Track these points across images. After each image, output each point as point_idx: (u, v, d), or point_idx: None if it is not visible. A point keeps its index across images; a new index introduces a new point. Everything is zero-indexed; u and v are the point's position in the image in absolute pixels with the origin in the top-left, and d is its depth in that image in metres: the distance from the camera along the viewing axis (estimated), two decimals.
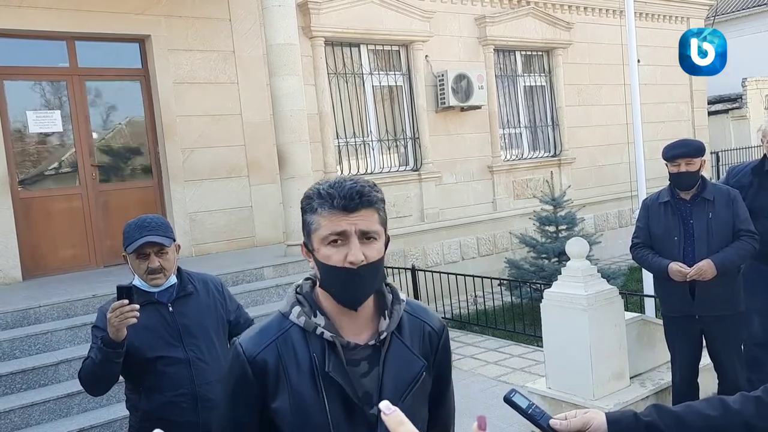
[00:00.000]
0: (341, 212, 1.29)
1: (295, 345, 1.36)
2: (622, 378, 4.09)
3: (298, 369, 1.34)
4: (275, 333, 1.38)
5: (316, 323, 1.36)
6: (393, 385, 1.36)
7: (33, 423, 4.21)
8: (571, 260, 4.14)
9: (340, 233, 1.30)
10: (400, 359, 1.39)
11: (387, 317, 1.39)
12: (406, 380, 1.38)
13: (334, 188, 1.31)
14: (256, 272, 5.97)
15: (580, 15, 10.47)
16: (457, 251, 9.03)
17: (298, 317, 1.38)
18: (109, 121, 7.07)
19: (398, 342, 1.40)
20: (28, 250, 6.30)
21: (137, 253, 2.38)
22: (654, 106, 11.09)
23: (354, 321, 1.38)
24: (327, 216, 1.30)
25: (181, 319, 2.44)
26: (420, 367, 1.41)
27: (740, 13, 19.37)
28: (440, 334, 1.50)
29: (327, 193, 1.30)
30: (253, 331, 1.42)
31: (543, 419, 1.30)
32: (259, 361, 1.35)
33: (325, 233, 1.31)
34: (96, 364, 2.28)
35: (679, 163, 3.57)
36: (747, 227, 3.55)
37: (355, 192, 1.30)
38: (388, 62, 8.72)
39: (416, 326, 1.46)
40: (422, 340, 1.45)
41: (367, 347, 1.37)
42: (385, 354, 1.37)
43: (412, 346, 1.42)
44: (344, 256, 1.30)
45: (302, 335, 1.37)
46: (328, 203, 1.30)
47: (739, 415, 1.30)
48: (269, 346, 1.36)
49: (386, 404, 0.79)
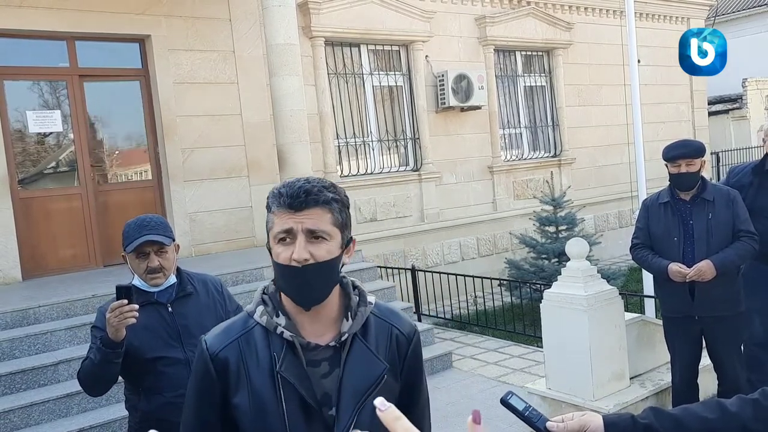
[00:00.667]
0: (288, 210, 1.31)
1: (257, 344, 1.37)
2: (622, 379, 4.08)
3: (258, 368, 1.35)
4: (239, 331, 1.40)
5: (277, 323, 1.37)
6: (352, 387, 1.36)
7: (32, 423, 4.21)
8: (571, 261, 4.14)
9: (287, 231, 1.31)
10: (361, 361, 1.38)
11: (350, 318, 1.39)
12: (366, 383, 1.37)
13: (286, 187, 1.34)
14: (256, 272, 5.96)
15: (580, 15, 10.47)
16: (457, 251, 9.03)
17: (261, 316, 1.39)
18: (108, 120, 7.06)
19: (360, 344, 1.40)
20: (27, 250, 6.30)
21: (137, 253, 2.37)
22: (654, 107, 11.08)
23: (316, 322, 1.38)
24: (278, 214, 1.33)
25: (180, 319, 2.43)
26: (381, 369, 1.39)
27: (740, 14, 19.37)
28: (410, 339, 1.48)
29: (278, 191, 1.33)
30: (219, 328, 1.43)
31: (540, 422, 1.30)
32: (221, 357, 1.37)
33: (276, 231, 1.33)
34: (95, 365, 2.28)
35: (680, 163, 3.56)
36: (747, 228, 3.55)
37: (303, 191, 1.31)
38: (388, 62, 8.71)
39: (383, 330, 1.45)
40: (389, 344, 1.44)
41: (329, 348, 1.37)
42: (346, 356, 1.37)
43: (376, 350, 1.41)
44: (290, 255, 1.31)
45: (264, 334, 1.38)
46: (277, 201, 1.33)
47: (736, 417, 1.30)
48: (231, 344, 1.38)
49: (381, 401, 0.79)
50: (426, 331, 6.00)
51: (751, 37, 18.52)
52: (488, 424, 4.52)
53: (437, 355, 5.70)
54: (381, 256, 8.11)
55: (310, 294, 1.35)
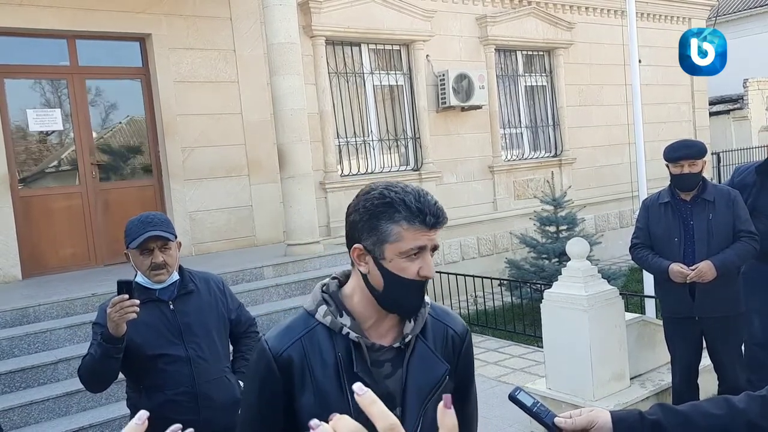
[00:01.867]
0: (424, 228, 1.31)
1: (320, 343, 1.37)
2: (622, 379, 4.08)
3: (324, 367, 1.35)
4: (301, 331, 1.39)
5: (342, 323, 1.37)
6: (416, 388, 1.38)
7: (32, 421, 4.21)
8: (571, 260, 4.14)
9: (421, 248, 1.32)
10: (423, 362, 1.40)
11: (412, 320, 1.40)
12: (429, 383, 1.39)
13: (422, 203, 1.31)
14: (256, 271, 5.96)
15: (581, 15, 10.46)
16: (457, 251, 9.03)
17: (324, 316, 1.38)
18: (109, 119, 7.07)
19: (422, 345, 1.41)
20: (27, 248, 6.30)
21: (141, 249, 2.38)
22: (655, 107, 11.08)
23: (380, 324, 1.40)
24: (411, 230, 1.30)
25: (182, 317, 2.44)
26: (443, 370, 1.41)
27: (742, 14, 19.36)
28: (463, 338, 1.51)
29: (417, 208, 1.30)
30: (279, 328, 1.43)
31: (548, 417, 1.30)
32: (285, 357, 1.36)
33: (407, 247, 1.31)
34: (96, 360, 2.28)
35: (683, 164, 3.55)
36: (747, 228, 3.54)
37: (440, 211, 1.33)
38: (388, 62, 8.71)
39: (439, 330, 1.47)
40: (445, 344, 1.46)
41: (392, 349, 1.38)
42: (409, 357, 1.39)
43: (435, 350, 1.43)
44: (417, 270, 1.33)
45: (328, 334, 1.38)
46: (419, 219, 1.30)
47: (743, 414, 1.30)
48: (295, 344, 1.37)
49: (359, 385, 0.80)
50: None
51: (752, 37, 18.51)
52: (488, 423, 4.51)
53: None
54: None
55: (420, 304, 1.39)
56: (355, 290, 1.40)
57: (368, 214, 1.33)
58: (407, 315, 1.39)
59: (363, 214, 1.34)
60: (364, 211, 1.33)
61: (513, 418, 4.45)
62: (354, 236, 1.36)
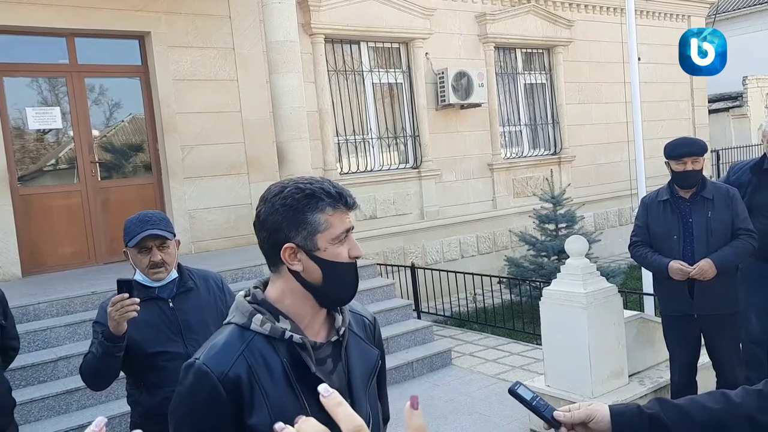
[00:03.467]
0: (347, 210, 1.34)
1: (263, 354, 1.31)
2: (621, 376, 4.09)
3: (272, 378, 1.29)
4: (240, 346, 1.31)
5: (283, 328, 1.32)
6: (359, 377, 1.40)
7: (32, 419, 4.23)
8: (570, 258, 4.14)
9: (348, 230, 1.35)
10: (358, 351, 1.43)
11: (340, 312, 1.42)
12: (367, 370, 1.43)
13: (337, 188, 1.34)
14: (256, 269, 5.97)
15: (580, 12, 10.46)
16: (456, 249, 9.04)
17: (262, 325, 1.32)
18: (108, 117, 7.07)
19: (353, 335, 1.45)
20: (27, 247, 6.31)
21: (139, 247, 2.38)
22: (654, 104, 11.08)
23: (314, 322, 1.39)
24: (336, 214, 1.32)
25: (181, 314, 2.45)
26: (375, 355, 1.47)
27: (741, 11, 19.35)
28: (374, 324, 1.56)
29: (336, 192, 1.33)
30: (214, 349, 1.32)
31: (547, 411, 1.32)
32: (231, 377, 1.27)
33: (337, 232, 1.32)
34: (97, 359, 2.29)
35: (686, 161, 3.55)
36: (746, 226, 3.55)
37: (348, 192, 1.37)
38: (388, 60, 8.71)
39: (358, 320, 1.51)
40: (365, 332, 1.51)
41: (329, 344, 1.38)
42: (346, 348, 1.40)
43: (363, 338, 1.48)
44: (347, 252, 1.35)
45: (268, 343, 1.32)
46: (341, 202, 1.33)
47: (741, 408, 1.31)
48: (238, 360, 1.29)
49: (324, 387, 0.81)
50: (425, 329, 6.01)
51: (751, 35, 18.51)
52: (488, 420, 4.53)
53: (436, 353, 5.71)
54: (380, 253, 8.12)
55: (357, 286, 1.40)
56: (284, 293, 1.36)
57: (291, 211, 1.30)
58: (346, 302, 1.40)
59: (284, 213, 1.30)
60: (284, 210, 1.30)
61: (512, 415, 4.46)
62: (279, 238, 1.32)
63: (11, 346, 3.00)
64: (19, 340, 3.08)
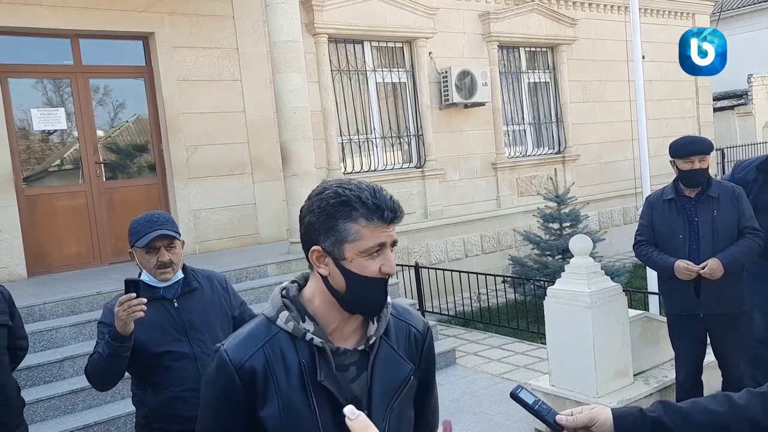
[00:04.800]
0: (383, 224, 1.27)
1: (283, 351, 1.32)
2: (626, 375, 4.08)
3: (288, 375, 1.31)
4: (263, 339, 1.33)
5: (305, 329, 1.32)
6: (382, 390, 1.35)
7: (38, 419, 4.24)
8: (574, 257, 4.13)
9: (382, 245, 1.29)
10: (388, 364, 1.37)
11: (375, 321, 1.37)
12: (395, 384, 1.37)
13: (378, 199, 1.27)
14: (260, 269, 5.98)
15: (584, 11, 10.44)
16: (460, 248, 9.03)
17: (286, 323, 1.33)
18: (113, 118, 7.08)
19: (386, 346, 1.39)
20: (32, 247, 6.33)
21: (148, 248, 2.39)
22: (659, 103, 11.05)
23: (343, 326, 1.36)
24: (370, 227, 1.27)
25: (186, 314, 2.46)
26: (408, 370, 1.40)
27: (746, 9, 19.27)
28: (424, 336, 1.48)
29: (373, 204, 1.26)
30: (239, 337, 1.36)
31: (549, 415, 1.30)
32: (247, 368, 1.30)
33: (368, 245, 1.27)
34: (104, 359, 2.30)
35: (693, 160, 3.53)
36: (752, 225, 3.53)
37: (397, 205, 1.30)
38: (391, 59, 8.70)
39: (402, 329, 1.44)
40: (408, 343, 1.44)
41: (356, 352, 1.35)
42: (374, 358, 1.36)
43: (399, 350, 1.40)
44: (379, 267, 1.29)
45: (290, 341, 1.32)
46: (377, 215, 1.26)
47: (744, 410, 1.30)
48: (257, 353, 1.31)
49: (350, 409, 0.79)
50: None
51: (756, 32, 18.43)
52: (492, 420, 4.52)
53: (441, 352, 5.70)
54: None
55: (384, 302, 1.34)
56: (315, 293, 1.35)
57: (324, 215, 1.28)
58: (371, 315, 1.35)
59: (319, 215, 1.28)
60: (319, 212, 1.28)
61: (516, 415, 4.46)
62: (311, 238, 1.31)
63: (19, 346, 3.01)
64: (27, 339, 3.09)
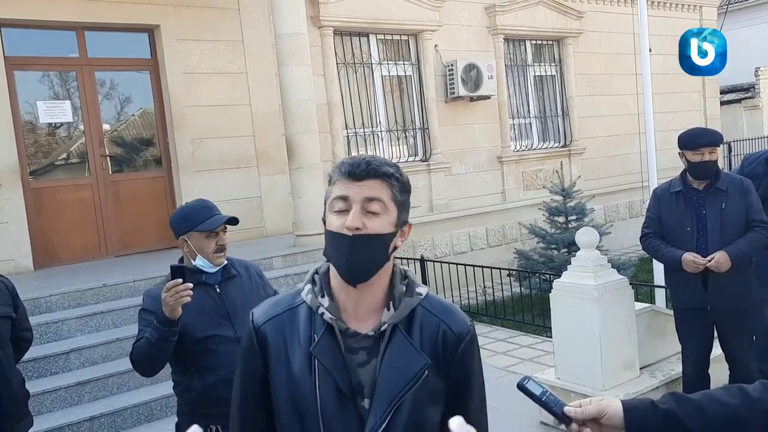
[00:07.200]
0: (348, 179, 1.30)
1: (300, 322, 1.36)
2: (632, 369, 4.07)
3: (298, 346, 1.33)
4: (285, 307, 1.39)
5: (320, 303, 1.35)
6: (390, 380, 1.30)
7: (44, 411, 4.26)
8: (580, 251, 4.12)
9: (343, 197, 1.30)
10: (400, 355, 1.31)
11: (392, 308, 1.34)
12: (404, 378, 1.30)
13: (353, 160, 1.33)
14: (266, 262, 5.98)
15: (591, 4, 10.37)
16: (466, 242, 9.01)
17: (306, 295, 1.38)
18: (119, 111, 7.09)
19: (401, 337, 1.33)
20: (39, 240, 6.34)
21: (209, 232, 2.48)
22: (665, 96, 10.97)
23: (359, 306, 1.34)
24: (338, 183, 1.32)
25: (228, 300, 2.53)
26: (421, 366, 1.31)
27: (753, 2, 19.07)
28: (460, 337, 1.38)
29: (341, 162, 1.33)
30: (269, 302, 1.44)
31: (557, 407, 1.27)
32: (262, 331, 1.37)
33: (332, 198, 1.33)
34: (152, 344, 2.34)
35: (703, 151, 3.50)
36: (760, 218, 3.51)
37: (364, 162, 1.31)
38: (397, 52, 8.67)
39: (430, 325, 1.37)
40: (434, 340, 1.36)
41: (368, 337, 1.32)
42: (385, 347, 1.31)
43: (419, 344, 1.34)
44: (343, 223, 1.30)
45: (308, 314, 1.36)
46: (339, 171, 1.32)
47: (759, 403, 1.27)
48: (274, 319, 1.38)
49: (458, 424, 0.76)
50: None
51: (764, 25, 18.26)
52: (497, 413, 4.51)
53: None
54: None
55: (358, 266, 1.30)
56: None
57: (328, 184, 1.38)
58: (346, 278, 1.31)
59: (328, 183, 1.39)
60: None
61: (522, 407, 4.45)
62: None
63: (24, 338, 3.02)
64: (31, 331, 3.11)
